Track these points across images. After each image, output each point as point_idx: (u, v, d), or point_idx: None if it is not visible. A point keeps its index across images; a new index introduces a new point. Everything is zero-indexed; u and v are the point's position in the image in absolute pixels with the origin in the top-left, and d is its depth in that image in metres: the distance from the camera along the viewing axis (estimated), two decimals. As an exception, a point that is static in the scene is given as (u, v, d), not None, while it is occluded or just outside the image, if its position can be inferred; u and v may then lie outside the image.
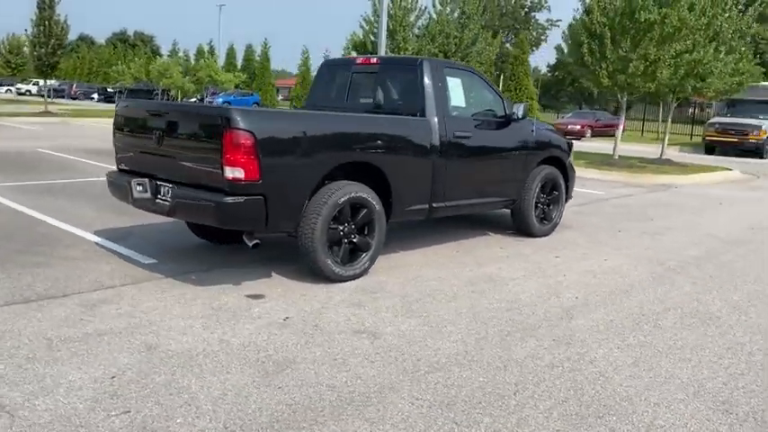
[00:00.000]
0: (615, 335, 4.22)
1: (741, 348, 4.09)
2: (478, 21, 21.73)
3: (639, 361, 3.81)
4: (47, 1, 25.76)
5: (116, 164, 5.63)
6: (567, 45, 16.44)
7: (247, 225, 4.69)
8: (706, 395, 3.40)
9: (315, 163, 4.83)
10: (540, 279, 5.50)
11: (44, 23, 25.83)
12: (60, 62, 28.52)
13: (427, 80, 5.84)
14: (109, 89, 52.03)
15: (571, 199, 7.81)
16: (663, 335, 4.27)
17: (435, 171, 5.75)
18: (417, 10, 21.12)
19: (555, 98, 65.03)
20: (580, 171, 8.04)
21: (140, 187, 5.06)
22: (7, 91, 51.15)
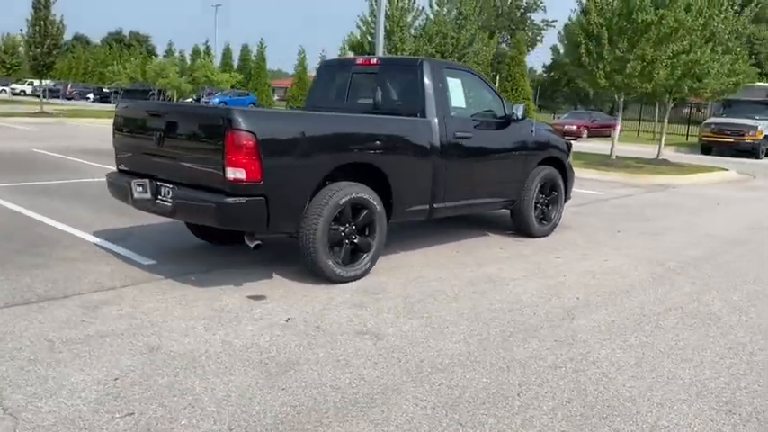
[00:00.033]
0: (617, 335, 4.23)
1: (742, 348, 4.10)
2: (475, 21, 21.76)
3: (642, 361, 3.82)
4: (42, 1, 25.68)
5: (116, 164, 5.60)
6: (564, 45, 16.47)
7: (249, 226, 4.67)
8: (709, 395, 3.41)
9: (316, 164, 4.82)
10: (541, 279, 5.50)
11: (40, 23, 25.76)
12: (56, 62, 28.40)
13: (427, 80, 5.84)
14: (104, 89, 51.80)
15: (570, 199, 7.82)
16: (664, 335, 4.27)
17: (436, 171, 5.74)
18: (414, 10, 21.14)
19: (551, 99, 65.07)
20: (578, 171, 8.05)
21: (140, 188, 5.04)
22: (1, 91, 50.90)
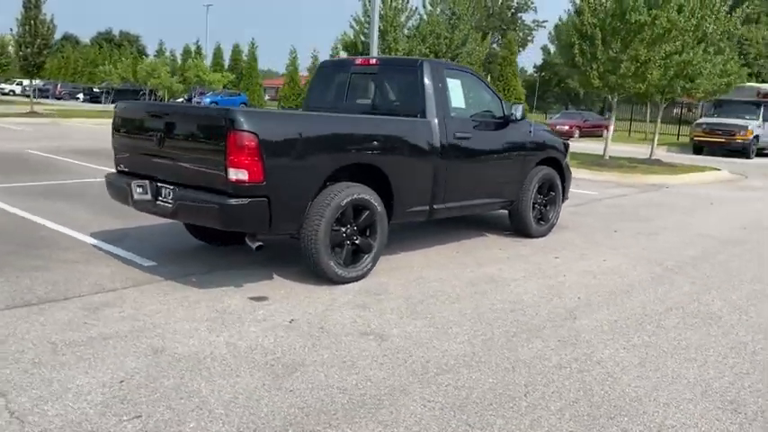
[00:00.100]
0: (620, 335, 4.24)
1: (744, 348, 4.13)
2: (468, 21, 21.81)
3: (646, 361, 3.83)
4: (33, 0, 25.47)
5: (114, 165, 5.56)
6: (555, 46, 16.53)
7: (251, 227, 4.66)
8: (714, 395, 3.43)
9: (318, 164, 4.81)
10: (541, 280, 5.51)
11: (30, 23, 25.53)
12: (46, 62, 28.19)
13: (427, 81, 5.83)
14: (95, 89, 51.43)
15: (567, 200, 7.84)
16: (667, 335, 4.30)
17: (436, 172, 5.74)
18: (408, 10, 21.17)
19: (541, 99, 65.28)
20: (572, 171, 8.07)
21: (141, 189, 5.00)
22: (-9, 91, 50.52)
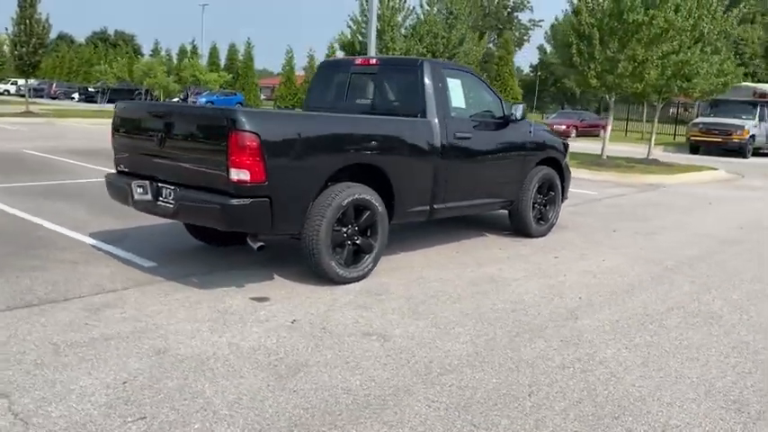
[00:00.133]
0: (622, 335, 4.25)
1: (746, 347, 4.14)
2: (465, 21, 21.82)
3: (648, 361, 3.84)
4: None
5: (114, 165, 5.54)
6: (552, 45, 16.56)
7: (253, 227, 4.65)
8: (717, 394, 3.43)
9: (319, 165, 4.80)
10: (542, 279, 5.52)
11: (25, 22, 25.38)
12: (42, 61, 28.08)
13: (428, 81, 5.83)
14: (90, 89, 51.25)
15: (567, 199, 7.85)
16: (668, 334, 4.30)
17: (436, 172, 5.74)
18: (405, 10, 21.16)
19: (538, 98, 65.37)
20: (571, 171, 8.08)
21: (141, 189, 4.99)
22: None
